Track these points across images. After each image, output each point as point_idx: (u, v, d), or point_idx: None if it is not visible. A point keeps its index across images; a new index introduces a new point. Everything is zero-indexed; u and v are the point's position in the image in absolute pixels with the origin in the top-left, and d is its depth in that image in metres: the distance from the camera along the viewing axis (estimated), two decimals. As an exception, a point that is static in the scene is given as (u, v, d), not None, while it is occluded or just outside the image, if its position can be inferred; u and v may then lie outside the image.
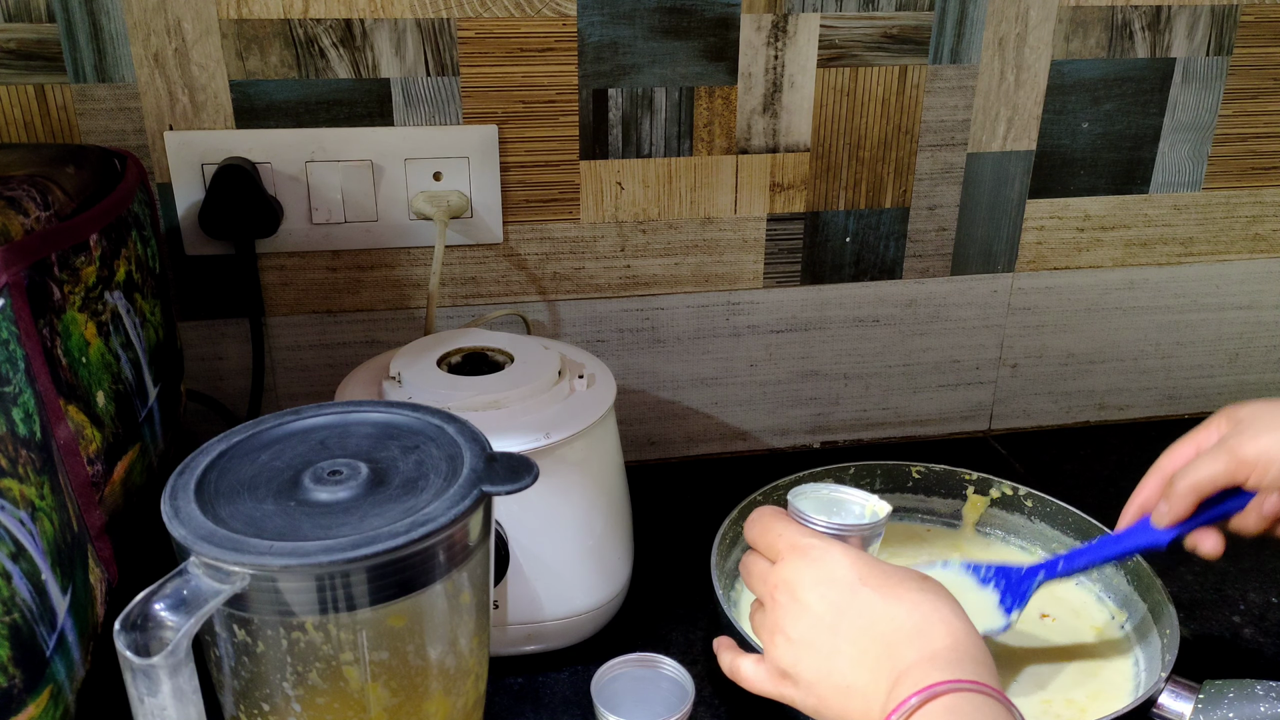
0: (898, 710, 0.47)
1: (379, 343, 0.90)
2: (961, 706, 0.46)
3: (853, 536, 0.60)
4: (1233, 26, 0.94)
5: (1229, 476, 0.62)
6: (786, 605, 0.55)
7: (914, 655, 0.49)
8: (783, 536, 0.57)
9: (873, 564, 0.54)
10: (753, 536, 0.59)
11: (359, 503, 0.49)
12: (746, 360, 0.98)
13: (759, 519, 0.60)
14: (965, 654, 0.49)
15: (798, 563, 0.55)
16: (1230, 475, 0.62)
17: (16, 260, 0.53)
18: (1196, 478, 0.63)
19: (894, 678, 0.49)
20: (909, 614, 0.51)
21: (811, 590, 0.54)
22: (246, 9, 0.78)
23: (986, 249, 0.99)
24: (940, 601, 0.52)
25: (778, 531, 0.58)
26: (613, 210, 0.90)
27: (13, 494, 0.50)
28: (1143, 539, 0.67)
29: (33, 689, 0.51)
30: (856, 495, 0.64)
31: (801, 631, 0.54)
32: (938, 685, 0.47)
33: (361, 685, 0.50)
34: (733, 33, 0.86)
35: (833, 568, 0.54)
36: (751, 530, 0.60)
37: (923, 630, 0.50)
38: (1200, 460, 0.64)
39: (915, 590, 0.52)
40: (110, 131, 0.80)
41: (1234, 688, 0.62)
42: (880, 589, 0.53)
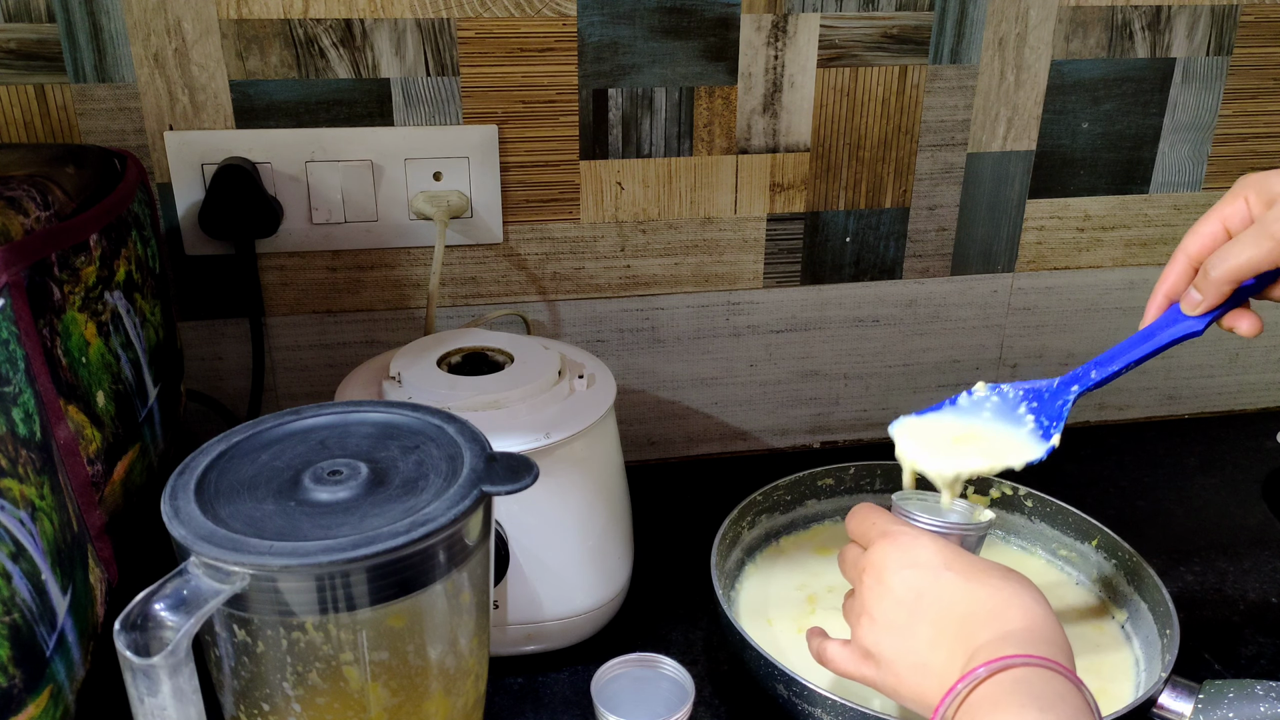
0: (965, 679, 0.48)
1: (379, 343, 0.90)
2: (1030, 679, 0.47)
3: (952, 534, 0.61)
4: (1233, 26, 0.94)
5: (1270, 260, 0.56)
6: (872, 587, 0.56)
7: (989, 635, 0.50)
8: (875, 525, 0.59)
9: (959, 553, 0.56)
10: (851, 527, 0.61)
11: (359, 503, 0.49)
12: (746, 360, 0.98)
13: (858, 511, 0.61)
14: (1040, 635, 0.50)
15: (887, 547, 0.57)
16: (1272, 259, 0.56)
17: (16, 260, 0.53)
18: (1234, 263, 0.57)
19: (968, 654, 0.50)
20: (990, 597, 0.52)
21: (896, 573, 0.55)
22: (246, 9, 0.78)
23: (986, 249, 0.99)
24: (1022, 589, 0.53)
25: (871, 520, 0.59)
26: (613, 210, 0.90)
27: (13, 494, 0.50)
28: (1177, 329, 0.61)
29: (33, 689, 0.51)
30: (960, 504, 0.65)
31: (884, 611, 0.55)
32: (1008, 658, 0.48)
33: (361, 685, 0.50)
34: (733, 33, 0.86)
35: (919, 552, 0.55)
36: (851, 520, 0.61)
37: (1000, 612, 0.51)
38: (1237, 245, 0.57)
39: (998, 577, 0.53)
40: (110, 131, 0.80)
41: (1234, 688, 0.62)
42: (963, 574, 0.54)
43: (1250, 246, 0.56)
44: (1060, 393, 0.64)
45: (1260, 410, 1.12)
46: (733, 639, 0.67)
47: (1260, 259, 0.56)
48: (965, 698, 0.48)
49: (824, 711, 0.61)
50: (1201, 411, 1.11)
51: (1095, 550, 0.78)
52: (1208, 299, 0.58)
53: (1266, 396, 1.12)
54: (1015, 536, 0.83)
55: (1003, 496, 0.82)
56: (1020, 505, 0.82)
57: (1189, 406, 1.10)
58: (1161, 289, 0.62)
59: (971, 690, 0.48)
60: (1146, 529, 0.89)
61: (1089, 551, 0.78)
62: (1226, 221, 0.59)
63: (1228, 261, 0.57)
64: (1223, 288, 0.58)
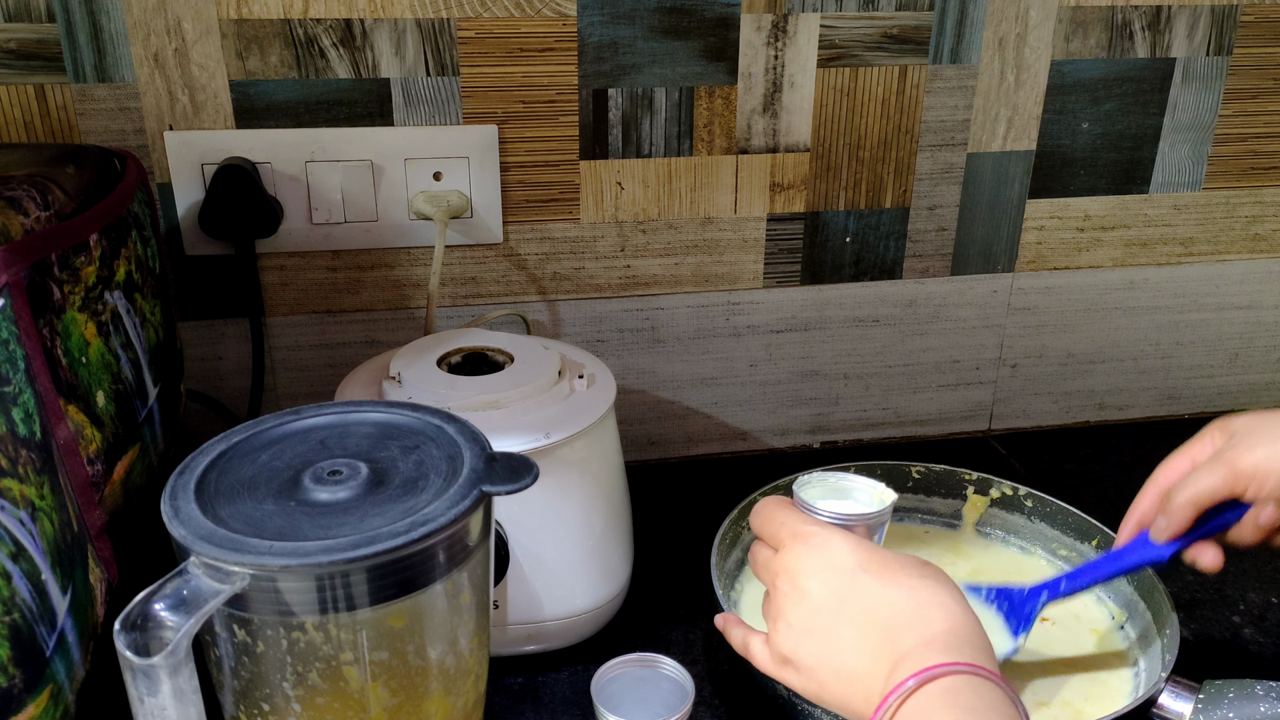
0: (895, 692, 0.47)
1: (379, 343, 0.90)
2: (958, 688, 0.47)
3: (858, 525, 0.60)
4: (1233, 26, 0.94)
5: (1227, 489, 0.62)
6: (788, 592, 0.55)
7: (912, 640, 0.50)
8: (784, 525, 0.58)
9: (873, 550, 0.55)
10: (757, 526, 0.60)
11: (359, 503, 0.49)
12: (746, 360, 0.98)
13: (763, 509, 0.60)
14: (963, 638, 0.49)
15: (799, 549, 0.56)
16: (1228, 487, 0.62)
17: (16, 260, 0.53)
18: (1194, 491, 0.63)
19: (892, 662, 0.49)
20: (908, 599, 0.51)
21: (812, 577, 0.54)
22: (246, 9, 0.78)
23: (986, 249, 0.99)
24: (939, 586, 0.52)
25: (780, 520, 0.58)
26: (613, 210, 0.90)
27: (13, 494, 0.50)
28: (1143, 555, 0.67)
29: (33, 689, 0.51)
30: (861, 483, 0.65)
31: (801, 618, 0.54)
32: (934, 668, 0.47)
33: (361, 685, 0.50)
34: (733, 33, 0.86)
35: (833, 554, 0.55)
36: (756, 519, 0.60)
37: (921, 614, 0.51)
38: (1197, 473, 0.63)
39: (915, 576, 0.53)
40: (110, 131, 0.80)
41: (1234, 688, 0.62)
42: (879, 574, 0.53)
43: (1208, 475, 0.63)
44: (1031, 599, 0.69)
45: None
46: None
47: (1217, 486, 0.62)
48: (895, 710, 0.47)
49: (824, 712, 0.61)
50: (1201, 411, 1.11)
51: (1095, 550, 0.78)
52: (1172, 524, 0.64)
53: (1266, 396, 1.12)
54: (1015, 536, 0.83)
55: (1003, 496, 0.82)
56: (1020, 505, 0.82)
57: (1189, 406, 1.10)
58: (1133, 516, 0.69)
59: (902, 703, 0.47)
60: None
61: (1089, 551, 0.78)
62: (1195, 458, 0.66)
63: (1188, 489, 0.63)
64: (1185, 512, 0.64)
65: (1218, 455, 0.63)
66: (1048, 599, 0.69)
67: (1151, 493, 0.68)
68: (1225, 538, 0.65)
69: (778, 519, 0.58)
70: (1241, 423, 0.64)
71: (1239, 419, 0.65)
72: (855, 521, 0.60)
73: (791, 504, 0.60)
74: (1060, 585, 0.69)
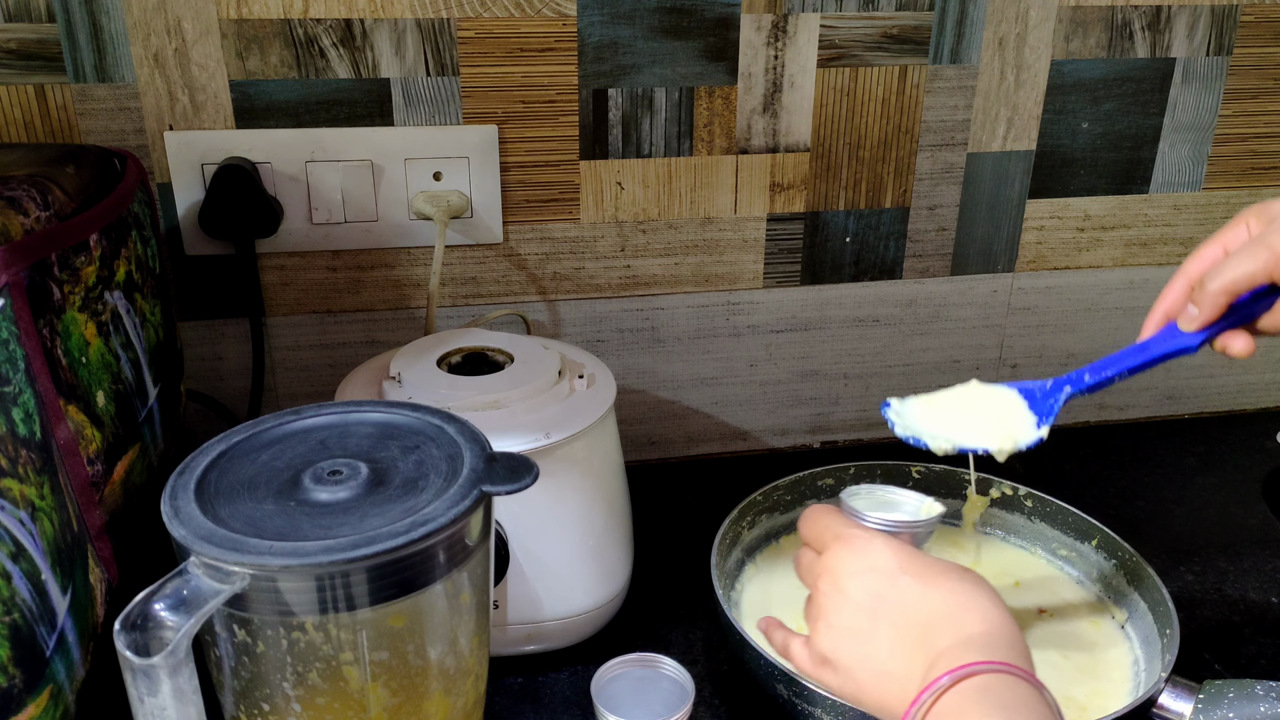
0: (929, 689, 0.48)
1: (379, 343, 0.90)
2: (993, 686, 0.47)
3: (903, 533, 0.61)
4: (1233, 26, 0.94)
5: (1266, 274, 0.57)
6: (829, 593, 0.56)
7: (948, 640, 0.50)
8: (829, 529, 0.58)
9: (914, 554, 0.55)
10: (804, 531, 0.61)
11: (359, 503, 0.49)
12: (746, 360, 0.98)
13: (810, 515, 0.61)
14: (1000, 639, 0.50)
15: (841, 552, 0.56)
16: (1268, 272, 0.57)
17: (16, 260, 0.53)
18: (1231, 276, 0.57)
19: (928, 661, 0.50)
20: (945, 600, 0.52)
21: (852, 579, 0.55)
22: (246, 9, 0.78)
23: (986, 249, 0.99)
24: (977, 590, 0.53)
25: (824, 524, 0.59)
26: (613, 210, 0.90)
27: (13, 494, 0.50)
28: (1170, 345, 0.62)
29: (33, 689, 0.51)
30: (909, 496, 0.65)
31: (842, 619, 0.54)
32: (969, 665, 0.48)
33: (361, 685, 0.50)
34: (733, 33, 0.86)
35: (874, 556, 0.55)
36: (804, 525, 0.61)
37: (958, 616, 0.51)
38: (1234, 258, 0.58)
39: (953, 579, 0.53)
40: (110, 131, 0.80)
41: (1234, 688, 0.62)
42: (919, 577, 0.53)
43: (1248, 259, 0.57)
44: (1053, 392, 0.65)
45: (1260, 410, 1.12)
46: (733, 639, 0.67)
47: (1256, 270, 0.57)
48: (930, 707, 0.48)
49: (824, 711, 0.61)
50: (1201, 411, 1.11)
51: (1095, 550, 0.78)
52: (1204, 312, 0.59)
53: (1266, 396, 1.12)
54: (1015, 536, 0.83)
55: (1003, 496, 0.82)
56: (1020, 505, 0.82)
57: (1189, 406, 1.10)
58: (1160, 307, 0.63)
59: (936, 700, 0.48)
60: (1146, 529, 0.89)
61: (1089, 551, 0.78)
62: (1227, 245, 0.60)
63: (1224, 274, 0.58)
64: (1219, 299, 0.58)
65: (1257, 239, 0.57)
66: (1072, 392, 0.65)
67: (1180, 283, 0.62)
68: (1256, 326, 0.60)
69: (823, 522, 0.59)
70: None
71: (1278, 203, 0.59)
72: (902, 529, 0.61)
73: (837, 510, 0.61)
74: (1084, 378, 0.65)
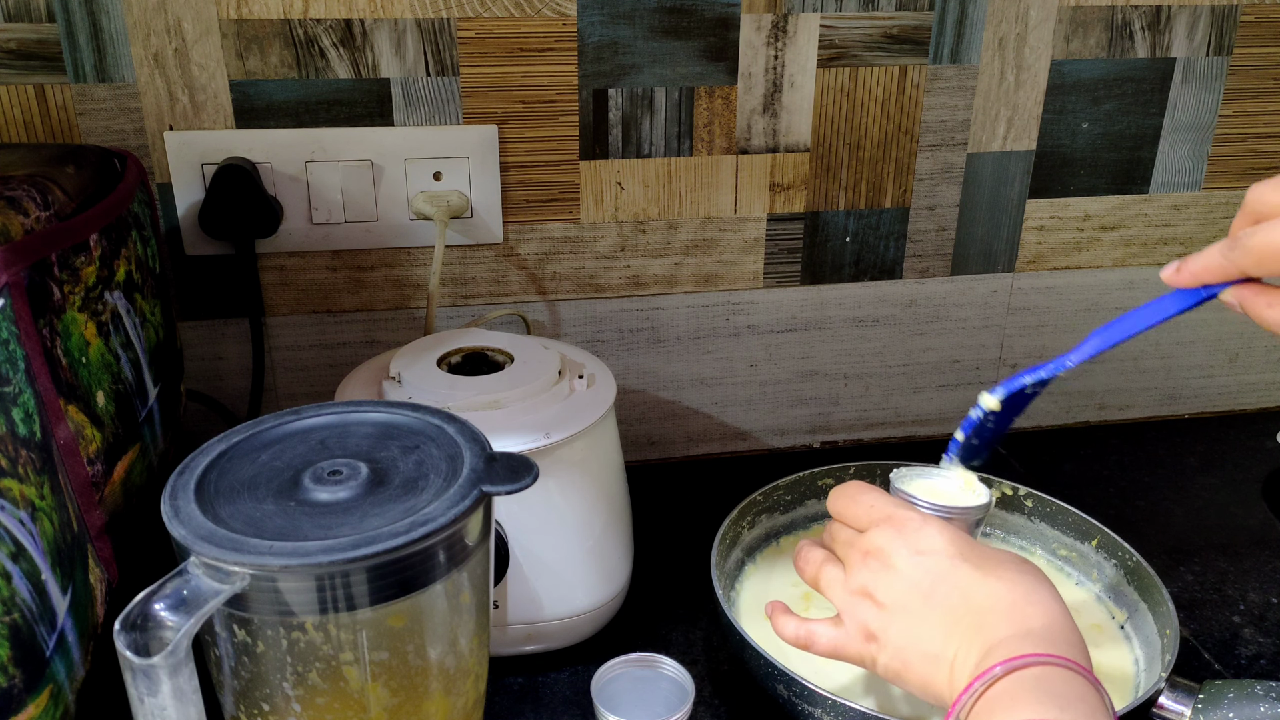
0: (983, 676, 0.48)
1: (379, 343, 0.90)
2: (1049, 678, 0.47)
3: (957, 519, 0.60)
4: (1233, 26, 0.94)
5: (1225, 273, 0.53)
6: (878, 571, 0.55)
7: (1008, 630, 0.50)
8: (875, 507, 0.58)
9: (970, 542, 0.55)
10: (838, 508, 0.60)
11: (359, 503, 0.49)
12: (746, 360, 0.98)
13: (844, 491, 0.60)
14: (1059, 634, 0.50)
15: (891, 533, 0.56)
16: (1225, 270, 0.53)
17: (16, 260, 0.53)
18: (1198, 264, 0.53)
19: (985, 650, 0.49)
20: (1008, 591, 0.52)
21: (907, 560, 0.54)
22: (246, 9, 0.78)
23: (986, 249, 0.99)
24: (1038, 583, 0.52)
25: (869, 503, 0.58)
26: (613, 210, 0.90)
27: (13, 494, 0.50)
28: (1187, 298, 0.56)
29: (33, 689, 0.51)
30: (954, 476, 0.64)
31: (894, 596, 0.54)
32: (1027, 656, 0.47)
33: (361, 685, 0.50)
34: (733, 33, 0.86)
35: (930, 540, 0.55)
36: (837, 503, 0.60)
37: (1018, 607, 0.51)
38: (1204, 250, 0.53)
39: (1014, 570, 0.53)
40: (110, 131, 0.80)
41: (1234, 688, 0.62)
42: (978, 565, 0.53)
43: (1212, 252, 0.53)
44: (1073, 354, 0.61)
45: (1260, 410, 1.12)
46: (733, 639, 0.67)
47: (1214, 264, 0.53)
48: (982, 694, 0.48)
49: (824, 711, 0.61)
50: (1201, 411, 1.11)
51: (1095, 550, 0.78)
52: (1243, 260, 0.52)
53: (1266, 396, 1.12)
54: (1015, 536, 0.83)
55: (1003, 496, 0.82)
56: (1020, 505, 0.82)
57: (1189, 406, 1.10)
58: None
59: (989, 687, 0.47)
60: (1146, 529, 0.89)
61: (1089, 551, 0.78)
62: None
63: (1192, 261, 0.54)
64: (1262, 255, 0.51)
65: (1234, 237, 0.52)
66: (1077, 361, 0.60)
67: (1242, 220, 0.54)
68: None
69: (865, 501, 0.58)
70: None
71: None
72: (955, 514, 0.60)
73: (876, 488, 0.60)
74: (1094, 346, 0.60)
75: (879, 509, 0.58)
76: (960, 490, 0.64)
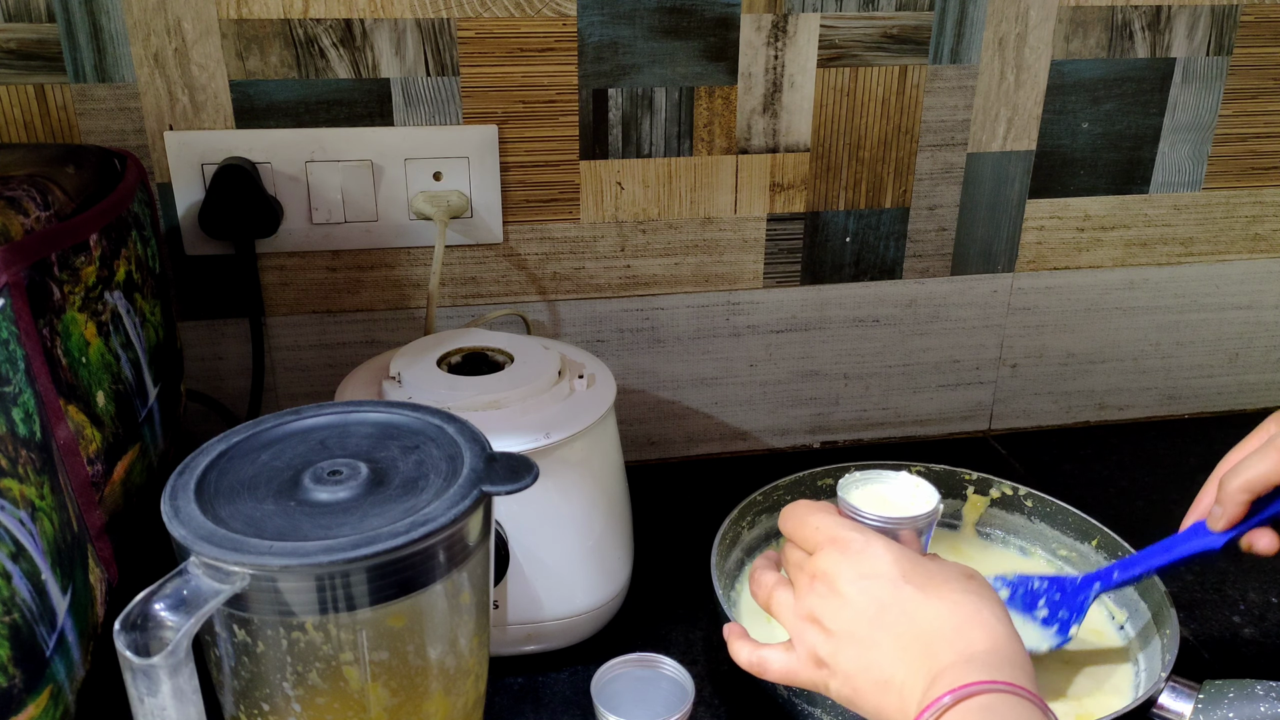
0: (930, 708, 0.47)
1: (379, 343, 0.90)
2: (996, 707, 0.46)
3: (905, 530, 0.59)
4: (1233, 26, 0.94)
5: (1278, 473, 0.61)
6: (825, 596, 0.54)
7: (951, 656, 0.49)
8: (820, 529, 0.57)
9: (915, 560, 0.54)
10: (788, 530, 0.59)
11: (359, 503, 0.49)
12: (746, 360, 0.98)
13: (793, 512, 0.59)
14: (1004, 657, 0.49)
15: (836, 556, 0.55)
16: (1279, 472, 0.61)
17: (16, 260, 0.53)
18: (1247, 477, 0.62)
19: (931, 677, 0.49)
20: (950, 613, 0.51)
21: (852, 584, 0.54)
22: (246, 9, 0.78)
23: (986, 249, 0.99)
24: (983, 602, 0.52)
25: (814, 525, 0.57)
26: (613, 210, 0.90)
27: (13, 494, 0.50)
28: (1196, 544, 0.66)
29: (33, 689, 0.51)
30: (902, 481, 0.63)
31: (841, 623, 0.53)
32: (972, 685, 0.47)
33: (361, 685, 0.50)
34: (733, 33, 0.86)
35: (874, 562, 0.54)
36: (787, 523, 0.59)
37: (962, 631, 0.50)
38: (1250, 459, 0.63)
39: (958, 590, 0.52)
40: (110, 131, 0.80)
41: (1234, 688, 0.61)
42: (923, 587, 0.53)
43: (1260, 461, 0.62)
44: (1084, 588, 0.70)
45: (1260, 410, 1.11)
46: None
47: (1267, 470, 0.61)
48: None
49: (824, 711, 0.61)
50: (1201, 411, 1.11)
51: (1095, 550, 0.78)
52: (1227, 512, 0.63)
53: (1266, 396, 1.12)
54: (1015, 536, 0.83)
55: (1003, 496, 0.82)
56: (1020, 505, 0.82)
57: (1189, 406, 1.10)
58: (1196, 509, 0.68)
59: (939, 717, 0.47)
60: (1146, 529, 0.89)
61: (1089, 551, 0.78)
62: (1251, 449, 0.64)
63: (1240, 475, 0.62)
64: (1238, 497, 0.63)
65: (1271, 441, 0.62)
66: (1100, 589, 0.69)
67: (1212, 487, 0.67)
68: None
69: (811, 523, 0.58)
70: None
71: None
72: (903, 525, 0.59)
73: (823, 506, 0.59)
74: (1113, 575, 0.69)
75: (824, 530, 0.57)
76: (909, 495, 0.62)
